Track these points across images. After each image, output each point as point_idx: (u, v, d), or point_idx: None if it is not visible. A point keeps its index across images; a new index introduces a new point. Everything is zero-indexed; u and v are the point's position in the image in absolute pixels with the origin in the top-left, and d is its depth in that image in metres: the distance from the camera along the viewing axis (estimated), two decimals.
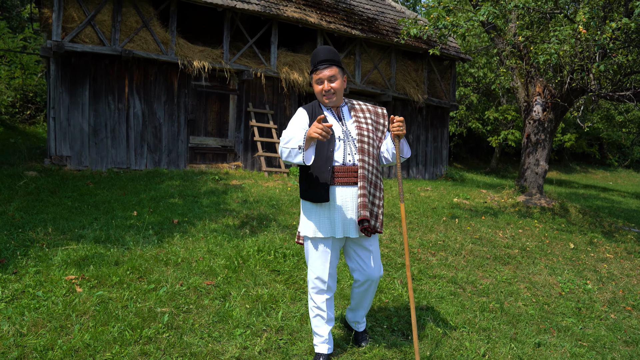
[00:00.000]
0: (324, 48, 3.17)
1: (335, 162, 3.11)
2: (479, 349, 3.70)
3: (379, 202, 3.20)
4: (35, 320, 3.43)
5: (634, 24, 5.51)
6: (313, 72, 3.15)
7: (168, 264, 4.71)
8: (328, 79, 3.10)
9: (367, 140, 3.15)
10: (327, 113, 3.21)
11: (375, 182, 3.17)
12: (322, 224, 3.13)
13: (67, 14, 9.28)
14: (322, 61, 3.10)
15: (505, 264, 6.07)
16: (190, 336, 3.41)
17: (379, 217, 3.19)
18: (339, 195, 3.10)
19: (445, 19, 6.75)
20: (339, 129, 3.16)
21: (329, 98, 3.13)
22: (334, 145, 3.10)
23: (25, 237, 5.20)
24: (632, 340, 4.45)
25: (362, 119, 3.22)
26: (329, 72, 3.09)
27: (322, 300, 3.21)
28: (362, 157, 3.10)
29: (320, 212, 3.13)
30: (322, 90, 3.12)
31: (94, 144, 9.74)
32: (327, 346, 3.28)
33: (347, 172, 3.11)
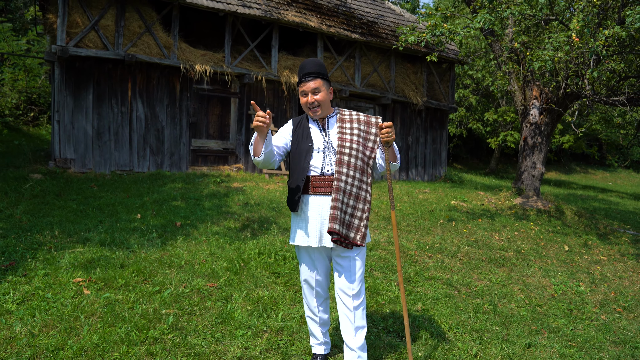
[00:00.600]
0: (310, 60, 3.18)
1: (312, 171, 3.14)
2: (471, 350, 3.85)
3: (360, 214, 3.12)
4: (46, 321, 3.58)
5: (625, 32, 5.66)
6: (298, 85, 3.17)
7: (172, 267, 4.86)
8: (312, 91, 3.10)
9: (347, 152, 3.11)
10: (313, 124, 3.24)
11: (356, 194, 3.11)
12: (299, 233, 3.17)
13: (71, 19, 9.44)
14: (307, 74, 3.11)
15: (500, 266, 6.22)
16: (194, 337, 3.56)
17: (359, 230, 3.11)
18: (314, 204, 3.12)
19: (442, 26, 6.91)
20: (321, 139, 3.18)
21: (313, 111, 3.15)
22: (310, 157, 3.12)
23: (33, 240, 5.36)
24: (620, 340, 4.60)
25: (348, 129, 3.18)
26: (313, 84, 3.09)
27: (314, 305, 3.30)
28: (339, 169, 3.07)
29: (299, 220, 3.18)
30: (306, 102, 3.14)
31: (98, 146, 9.90)
32: (323, 347, 3.41)
33: (324, 182, 3.11)
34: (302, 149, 3.17)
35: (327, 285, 3.33)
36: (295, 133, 3.24)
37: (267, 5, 11.37)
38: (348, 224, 3.09)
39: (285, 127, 3.29)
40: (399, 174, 13.83)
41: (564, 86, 7.62)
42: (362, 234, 3.11)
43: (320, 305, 3.32)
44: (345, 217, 3.08)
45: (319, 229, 3.12)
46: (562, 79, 7.66)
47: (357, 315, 3.14)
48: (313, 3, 12.83)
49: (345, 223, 3.08)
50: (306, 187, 3.15)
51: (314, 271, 3.23)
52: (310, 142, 3.16)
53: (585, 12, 6.95)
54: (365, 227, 3.13)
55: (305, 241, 3.14)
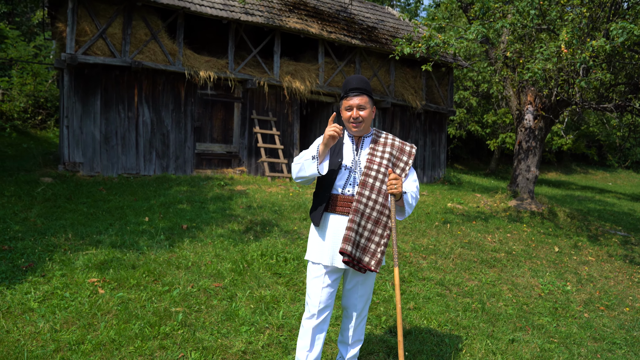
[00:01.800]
0: (357, 77, 3.14)
1: (335, 190, 3.12)
2: (457, 345, 4.16)
3: (378, 240, 3.07)
4: (66, 318, 3.91)
5: (609, 46, 5.95)
6: (343, 99, 3.12)
7: (179, 268, 5.18)
8: (357, 106, 3.06)
9: (373, 175, 3.07)
10: (348, 140, 3.21)
11: (376, 218, 3.06)
12: (315, 249, 3.17)
13: (80, 27, 9.77)
14: (355, 89, 3.07)
15: (491, 267, 6.53)
16: (201, 332, 3.88)
17: (375, 255, 3.06)
18: (333, 223, 3.11)
19: (437, 37, 7.21)
20: (351, 158, 3.14)
21: (356, 126, 3.10)
22: (337, 173, 3.11)
23: (49, 243, 5.68)
24: (600, 336, 4.91)
25: (379, 152, 3.14)
26: (359, 100, 3.06)
27: (310, 327, 3.17)
28: (362, 191, 3.04)
29: (317, 236, 3.18)
30: (350, 117, 3.09)
31: (105, 150, 10.24)
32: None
33: (344, 202, 3.09)
34: (331, 162, 3.13)
35: (330, 310, 3.22)
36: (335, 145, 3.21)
37: (269, 13, 11.68)
38: (364, 247, 3.05)
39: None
40: None
41: (555, 94, 7.92)
42: (377, 259, 3.05)
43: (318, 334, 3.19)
44: (360, 240, 3.04)
45: (332, 247, 3.10)
46: (552, 87, 7.96)
47: (358, 332, 3.29)
48: (314, 9, 13.14)
49: (361, 246, 3.04)
50: (328, 204, 3.14)
51: (320, 288, 3.16)
52: (341, 158, 3.14)
53: (575, 22, 7.25)
54: (382, 253, 3.06)
55: (317, 258, 3.14)
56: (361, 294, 3.22)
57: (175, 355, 3.52)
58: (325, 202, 3.11)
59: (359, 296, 3.22)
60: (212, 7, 10.84)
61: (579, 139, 24.30)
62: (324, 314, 3.17)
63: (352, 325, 3.28)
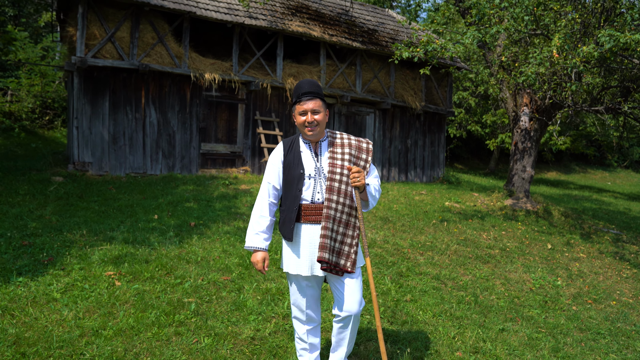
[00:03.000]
0: (307, 81, 3.15)
1: (303, 200, 3.13)
2: (450, 333, 4.47)
3: (350, 241, 3.14)
4: (87, 307, 4.22)
5: (597, 53, 6.25)
6: (296, 104, 3.12)
7: (189, 262, 5.50)
8: (311, 111, 3.07)
9: (338, 178, 3.11)
10: (305, 147, 3.21)
11: (346, 221, 3.13)
12: (290, 261, 3.20)
13: (89, 32, 10.09)
14: (307, 93, 3.08)
15: (485, 263, 6.84)
16: (213, 321, 4.19)
17: (349, 257, 3.13)
18: (306, 233, 3.13)
19: (434, 42, 7.52)
20: (312, 166, 3.15)
21: (311, 130, 3.10)
22: (302, 184, 3.11)
23: (65, 239, 6.00)
24: (586, 327, 5.22)
25: (339, 154, 3.17)
26: (312, 104, 3.06)
27: (303, 332, 3.34)
28: (330, 196, 3.07)
29: (291, 248, 3.20)
30: (304, 121, 3.09)
31: (113, 150, 10.56)
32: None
33: (315, 210, 3.11)
34: (293, 175, 3.14)
35: (318, 310, 3.34)
36: (287, 159, 3.20)
37: (272, 16, 11.99)
38: (338, 251, 3.11)
39: (276, 156, 3.24)
40: (398, 176, 14.44)
41: (548, 97, 8.22)
42: (352, 260, 3.12)
43: (310, 331, 3.37)
44: (335, 245, 3.09)
45: (310, 257, 3.13)
46: (546, 90, 8.26)
47: (352, 333, 3.26)
48: (316, 13, 13.45)
49: (335, 251, 3.09)
50: (298, 215, 3.14)
51: (304, 298, 3.25)
52: (302, 169, 3.14)
53: (567, 28, 7.54)
54: (355, 253, 3.14)
55: (296, 269, 3.16)
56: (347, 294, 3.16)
57: (189, 340, 3.84)
58: (295, 214, 3.11)
59: (344, 297, 3.16)
60: (217, 11, 11.15)
61: (577, 139, 24.57)
62: (311, 318, 3.31)
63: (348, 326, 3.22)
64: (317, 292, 3.29)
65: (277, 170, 3.20)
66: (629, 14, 6.27)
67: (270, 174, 3.22)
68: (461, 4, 10.08)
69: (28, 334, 3.68)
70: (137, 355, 3.57)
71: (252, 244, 3.18)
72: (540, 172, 29.83)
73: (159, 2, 10.31)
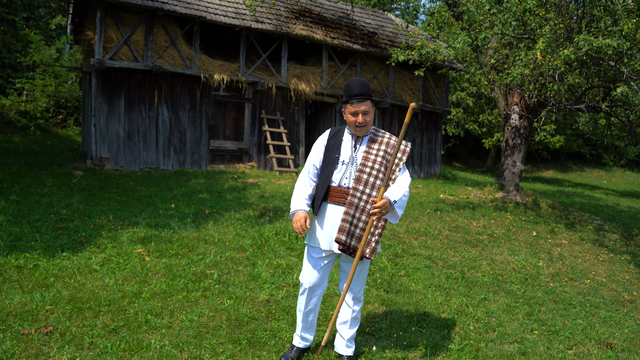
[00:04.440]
0: (359, 82, 3.37)
1: (332, 182, 3.44)
2: (437, 300, 5.15)
3: (373, 230, 3.37)
4: (125, 276, 4.90)
5: (574, 55, 6.93)
6: (349, 103, 3.35)
7: (208, 242, 6.18)
8: (363, 112, 3.33)
9: (367, 171, 3.38)
10: (348, 137, 3.52)
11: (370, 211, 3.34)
12: (314, 234, 3.50)
13: (107, 35, 10.78)
14: (360, 94, 3.30)
15: (473, 247, 7.52)
16: (233, 287, 4.87)
17: (370, 244, 3.36)
18: (330, 212, 3.44)
19: (428, 46, 8.20)
20: (348, 154, 3.45)
21: (361, 130, 3.40)
22: (335, 168, 3.43)
23: (95, 223, 6.68)
24: (559, 300, 5.89)
25: (374, 150, 3.44)
26: (365, 106, 3.31)
27: (303, 301, 3.59)
28: (356, 185, 3.35)
29: (317, 222, 3.49)
30: (355, 121, 3.36)
31: (128, 147, 11.24)
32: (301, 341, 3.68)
33: (340, 193, 3.41)
34: (329, 158, 3.46)
35: (323, 290, 3.60)
36: (329, 143, 3.53)
37: (277, 20, 12.68)
38: (359, 237, 3.36)
39: (321, 141, 3.58)
40: None
41: (534, 96, 8.89)
42: (372, 248, 3.37)
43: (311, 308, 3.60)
44: (356, 231, 3.35)
45: (330, 234, 3.41)
46: (532, 90, 8.94)
47: (354, 313, 3.61)
48: (319, 16, 14.14)
49: (356, 236, 3.35)
50: (326, 194, 3.45)
51: (316, 271, 3.51)
52: (338, 154, 3.45)
53: (551, 32, 8.22)
54: (376, 242, 3.36)
55: (316, 243, 3.47)
56: (358, 278, 3.54)
57: (214, 301, 4.52)
58: (323, 193, 3.43)
59: (355, 280, 3.53)
60: (225, 15, 11.84)
61: (572, 138, 25.22)
62: (314, 291, 3.55)
63: (349, 307, 3.60)
64: (328, 268, 3.55)
65: (319, 151, 3.54)
66: (603, 20, 6.93)
67: (313, 154, 3.57)
68: (455, 9, 10.75)
69: (79, 295, 4.36)
70: (172, 312, 4.25)
71: (295, 207, 3.44)
72: (537, 171, 30.50)
73: (171, 7, 11.00)
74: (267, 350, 3.71)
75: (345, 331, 3.64)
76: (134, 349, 3.56)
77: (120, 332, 3.80)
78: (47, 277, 4.71)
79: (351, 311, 3.60)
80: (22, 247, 5.43)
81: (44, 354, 3.40)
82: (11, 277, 4.65)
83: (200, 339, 3.80)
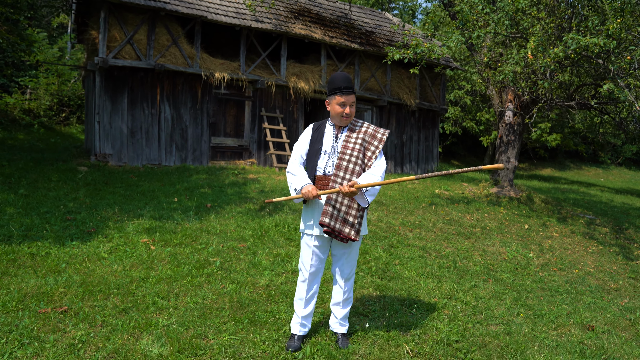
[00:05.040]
0: (344, 75, 3.62)
1: (317, 171, 3.69)
2: (429, 285, 5.42)
3: (355, 213, 3.58)
4: (132, 263, 5.16)
5: (562, 53, 7.19)
6: (337, 95, 3.58)
7: (210, 233, 6.43)
8: (350, 104, 3.61)
9: (347, 158, 3.61)
10: (330, 129, 3.77)
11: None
12: (306, 220, 3.75)
13: (110, 34, 11.04)
14: (348, 88, 3.57)
15: (466, 238, 7.78)
16: (235, 274, 5.13)
17: (354, 226, 3.57)
18: (318, 199, 3.67)
19: (423, 45, 8.46)
20: (330, 144, 3.71)
21: (347, 120, 3.66)
22: (319, 158, 3.70)
23: (101, 215, 6.94)
24: (547, 287, 6.16)
25: (353, 139, 3.68)
26: (352, 98, 3.60)
27: (304, 288, 3.78)
28: (337, 172, 3.59)
29: (306, 211, 3.76)
30: (342, 112, 3.61)
31: (131, 143, 11.50)
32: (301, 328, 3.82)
33: (325, 181, 3.65)
34: (314, 150, 3.74)
35: (320, 275, 3.82)
36: (313, 136, 3.79)
37: (276, 20, 12.94)
38: (343, 220, 3.57)
39: (306, 134, 3.84)
40: (394, 169, 15.38)
41: (527, 93, 9.15)
42: (356, 229, 3.58)
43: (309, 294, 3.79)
44: (339, 215, 3.56)
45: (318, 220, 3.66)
46: (524, 88, 9.20)
47: (346, 295, 3.83)
48: (317, 16, 14.40)
49: (340, 219, 3.56)
50: (313, 183, 3.67)
51: (311, 258, 3.73)
52: (320, 145, 3.72)
53: (542, 32, 8.47)
54: (359, 224, 3.60)
55: (310, 229, 3.71)
56: (347, 260, 3.76)
57: (217, 286, 4.78)
58: (311, 181, 3.66)
59: (345, 262, 3.76)
60: (226, 15, 12.10)
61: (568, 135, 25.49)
62: (315, 277, 3.77)
63: (341, 288, 3.82)
64: (323, 255, 3.75)
65: (305, 143, 3.80)
66: (590, 20, 7.20)
67: (300, 146, 3.82)
68: (450, 9, 11.02)
69: (90, 279, 4.62)
70: (177, 295, 4.51)
71: (301, 182, 3.62)
72: (535, 169, 30.78)
73: (173, 7, 11.26)
74: (267, 329, 3.97)
75: (338, 311, 3.85)
76: (143, 327, 3.82)
77: (130, 312, 4.06)
78: (58, 263, 4.97)
79: (343, 292, 3.81)
80: (33, 237, 5.70)
81: (60, 330, 3.66)
82: (25, 263, 4.91)
83: (204, 318, 4.06)
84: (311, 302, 3.81)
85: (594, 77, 9.56)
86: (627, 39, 7.59)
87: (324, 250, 3.77)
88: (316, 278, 3.79)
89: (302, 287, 3.79)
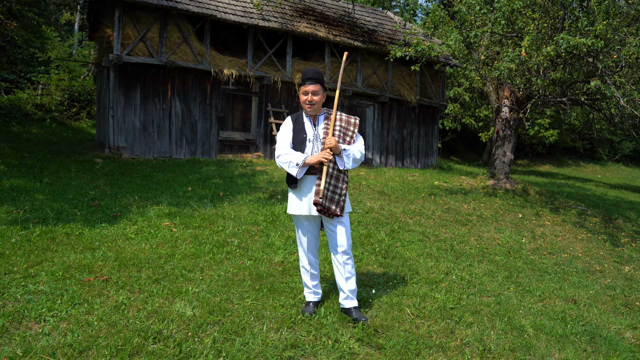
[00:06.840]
0: (312, 69, 4.00)
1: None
2: (428, 264, 5.93)
3: (340, 192, 3.97)
4: (157, 243, 5.68)
5: (554, 52, 7.69)
6: (301, 85, 3.98)
7: (225, 218, 6.95)
8: (312, 92, 3.95)
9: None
10: (307, 120, 4.09)
11: (337, 176, 3.97)
12: (294, 204, 4.07)
13: (124, 32, 11.53)
14: (310, 79, 3.94)
15: (463, 225, 8.30)
16: (251, 252, 5.65)
17: (339, 203, 3.95)
18: (307, 182, 4.02)
19: (423, 43, 8.96)
20: (311, 132, 4.04)
21: (310, 107, 4.00)
22: (305, 145, 4.01)
23: (123, 202, 7.45)
24: (537, 268, 6.67)
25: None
26: (313, 87, 3.93)
27: (306, 263, 4.21)
28: None
29: (295, 194, 4.07)
30: (305, 100, 3.98)
31: (144, 137, 12.01)
32: (314, 295, 4.29)
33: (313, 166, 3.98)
34: (298, 139, 4.04)
35: (316, 248, 4.22)
36: (294, 126, 4.10)
37: (282, 19, 13.44)
38: (330, 198, 3.92)
39: (286, 125, 4.13)
40: (395, 163, 15.91)
41: (521, 89, 9.65)
42: (341, 206, 3.96)
43: (311, 263, 4.21)
44: (328, 194, 3.90)
45: (308, 201, 3.99)
46: (519, 84, 9.71)
47: (347, 268, 4.08)
48: (321, 15, 14.89)
49: (328, 198, 3.90)
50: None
51: (306, 235, 4.12)
52: (304, 134, 4.03)
53: (535, 31, 8.97)
54: (343, 201, 3.98)
55: (298, 210, 4.02)
56: (340, 234, 4.04)
57: (237, 262, 5.30)
58: None
59: (339, 236, 4.03)
60: (234, 14, 12.60)
61: (565, 132, 25.98)
62: (313, 251, 4.19)
63: (341, 264, 4.08)
64: (315, 231, 4.16)
65: (288, 132, 4.11)
66: (580, 21, 7.70)
67: (284, 136, 4.11)
68: (449, 9, 11.51)
69: (122, 255, 5.14)
70: (202, 269, 5.03)
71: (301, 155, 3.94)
72: (533, 165, 31.28)
73: (184, 6, 11.76)
74: (285, 296, 4.49)
75: (344, 285, 4.11)
76: (176, 294, 4.34)
77: (162, 282, 4.57)
78: (92, 242, 5.49)
79: (343, 265, 4.08)
80: (65, 219, 6.22)
81: (104, 295, 4.18)
82: (63, 241, 5.43)
83: (228, 287, 4.58)
84: (316, 269, 4.24)
85: (585, 74, 10.06)
86: (614, 39, 8.10)
87: (316, 227, 4.17)
88: (313, 251, 4.21)
89: (303, 260, 4.23)
